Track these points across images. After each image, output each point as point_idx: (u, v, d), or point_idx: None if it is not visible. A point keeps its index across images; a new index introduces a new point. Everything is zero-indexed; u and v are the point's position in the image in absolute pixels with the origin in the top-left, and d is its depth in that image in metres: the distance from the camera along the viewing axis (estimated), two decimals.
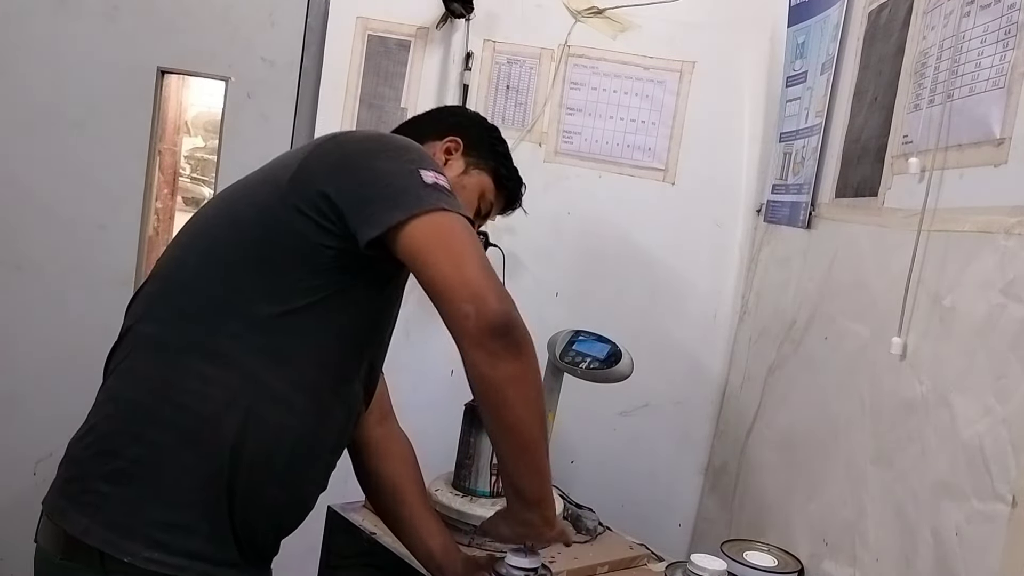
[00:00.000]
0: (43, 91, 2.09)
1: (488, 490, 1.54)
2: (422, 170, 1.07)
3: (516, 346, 1.02)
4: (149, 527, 1.04)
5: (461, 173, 1.33)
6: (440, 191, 1.06)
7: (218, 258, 1.11)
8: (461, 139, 1.33)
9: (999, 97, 1.02)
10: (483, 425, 1.30)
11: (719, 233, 2.08)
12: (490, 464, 1.54)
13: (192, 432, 1.05)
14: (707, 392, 2.10)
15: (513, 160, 1.42)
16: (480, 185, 1.35)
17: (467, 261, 1.02)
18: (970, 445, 0.99)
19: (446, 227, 1.05)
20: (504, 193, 1.40)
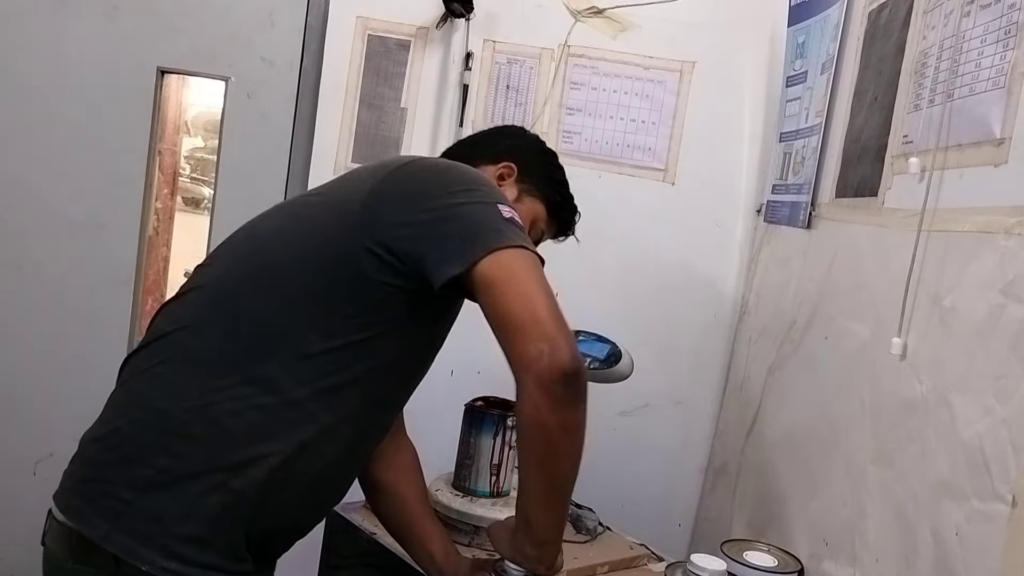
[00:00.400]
0: (43, 91, 2.09)
1: (488, 490, 1.54)
2: (500, 204, 1.06)
3: (580, 395, 1.03)
4: (168, 538, 1.03)
5: (514, 200, 1.30)
6: (516, 226, 1.05)
7: (275, 283, 1.09)
8: (516, 164, 1.31)
9: (999, 97, 1.01)
10: (516, 462, 1.32)
11: (719, 233, 2.08)
12: (490, 464, 1.54)
13: (225, 452, 1.04)
14: (707, 392, 2.10)
15: (569, 186, 1.41)
16: (533, 213, 1.33)
17: (540, 301, 1.00)
18: (970, 445, 0.99)
19: (520, 263, 1.03)
20: (557, 221, 1.39)
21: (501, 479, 1.55)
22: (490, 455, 1.54)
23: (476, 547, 1.47)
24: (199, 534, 1.04)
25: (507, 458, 1.56)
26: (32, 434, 2.13)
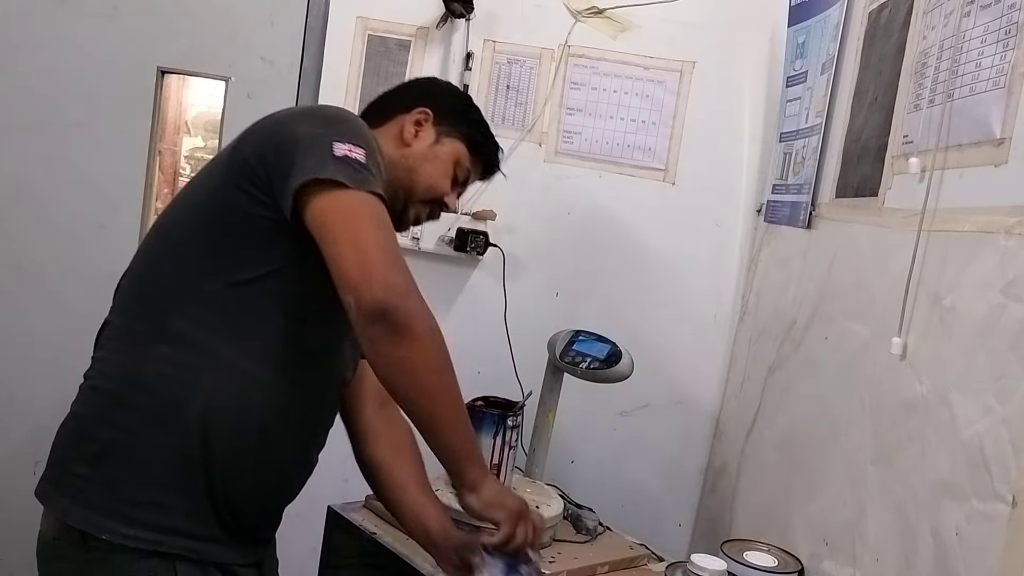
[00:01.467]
0: (43, 91, 2.09)
1: None
2: (336, 142, 1.07)
3: (395, 332, 1.02)
4: (125, 505, 1.07)
5: (433, 143, 1.32)
6: (348, 165, 1.06)
7: (171, 243, 1.15)
8: (431, 109, 1.32)
9: (999, 97, 1.01)
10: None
11: (719, 233, 2.08)
12: (490, 464, 1.54)
13: (160, 414, 1.09)
14: (707, 392, 2.10)
15: (489, 127, 1.41)
16: (454, 153, 1.33)
17: (358, 247, 1.03)
18: (970, 445, 0.99)
19: (344, 207, 1.05)
20: (480, 159, 1.39)
21: (501, 479, 1.55)
22: (490, 455, 1.54)
23: None
24: (157, 499, 1.08)
25: (507, 458, 1.56)
26: (32, 434, 2.13)
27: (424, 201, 1.32)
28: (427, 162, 1.31)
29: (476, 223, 2.08)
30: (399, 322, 1.02)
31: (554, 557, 1.50)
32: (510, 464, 1.57)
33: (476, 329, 2.13)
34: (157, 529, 1.07)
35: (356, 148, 1.08)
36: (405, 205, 1.31)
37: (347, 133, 1.10)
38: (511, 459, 1.57)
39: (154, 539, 1.07)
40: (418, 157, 1.30)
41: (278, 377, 1.12)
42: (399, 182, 1.28)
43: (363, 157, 1.08)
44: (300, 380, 1.15)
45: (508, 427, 1.55)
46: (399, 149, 1.30)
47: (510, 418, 1.55)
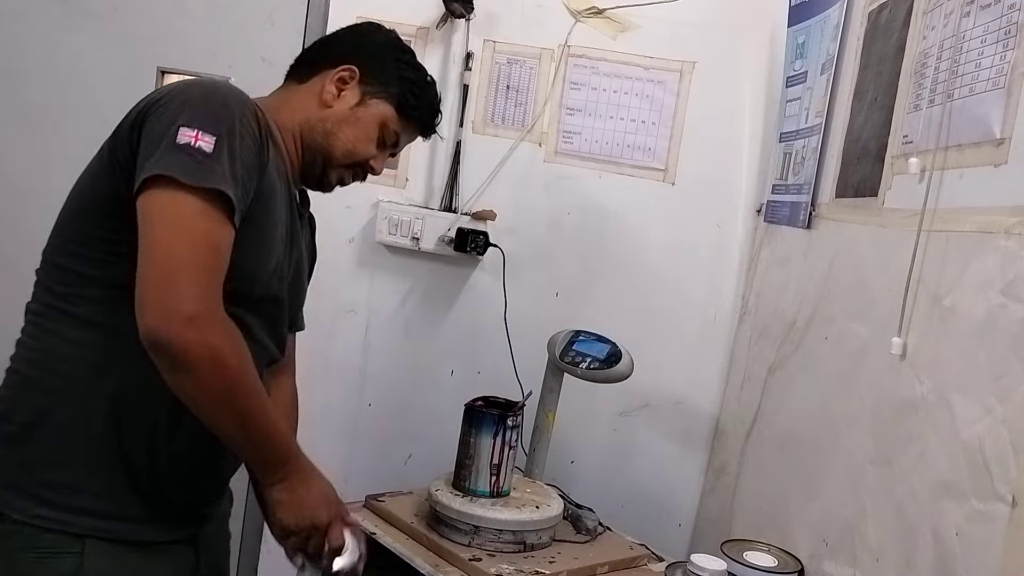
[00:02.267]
0: (43, 91, 2.09)
1: (488, 490, 1.54)
2: (183, 127, 1.02)
3: (169, 363, 1.01)
4: (39, 486, 1.09)
5: (356, 104, 1.26)
6: (189, 156, 1.01)
7: (68, 227, 1.15)
8: (358, 67, 1.26)
9: (999, 97, 1.01)
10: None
11: (719, 233, 2.08)
12: (490, 464, 1.54)
13: (72, 395, 1.10)
14: (707, 392, 2.10)
15: (430, 84, 1.34)
16: (379, 116, 1.27)
17: (153, 266, 1.00)
18: (970, 445, 0.99)
19: (159, 214, 1.01)
20: (412, 121, 1.32)
21: (501, 479, 1.55)
22: (490, 455, 1.54)
23: (476, 547, 1.47)
24: (71, 480, 1.09)
25: (507, 458, 1.56)
26: None
27: (344, 165, 1.28)
28: (346, 126, 1.25)
29: (476, 223, 2.08)
30: (172, 354, 1.00)
31: (554, 557, 1.50)
32: (510, 464, 1.57)
33: (476, 329, 2.13)
34: (68, 510, 1.08)
35: (205, 135, 1.02)
36: (324, 168, 1.27)
37: (201, 116, 1.04)
38: (511, 459, 1.57)
39: (63, 519, 1.08)
40: (337, 120, 1.25)
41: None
42: (316, 145, 1.25)
43: (211, 145, 1.02)
44: None
45: (508, 427, 1.55)
46: (319, 110, 1.25)
47: (510, 418, 1.55)
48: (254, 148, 1.08)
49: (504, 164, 2.12)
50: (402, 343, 2.18)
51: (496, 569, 1.41)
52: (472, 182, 2.12)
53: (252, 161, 1.08)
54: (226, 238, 1.04)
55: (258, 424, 1.10)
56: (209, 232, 1.02)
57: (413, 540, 1.52)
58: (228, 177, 1.03)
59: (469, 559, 1.44)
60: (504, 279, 2.08)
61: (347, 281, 2.18)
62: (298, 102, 1.27)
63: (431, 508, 1.54)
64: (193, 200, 1.01)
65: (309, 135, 1.25)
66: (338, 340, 2.19)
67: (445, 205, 2.13)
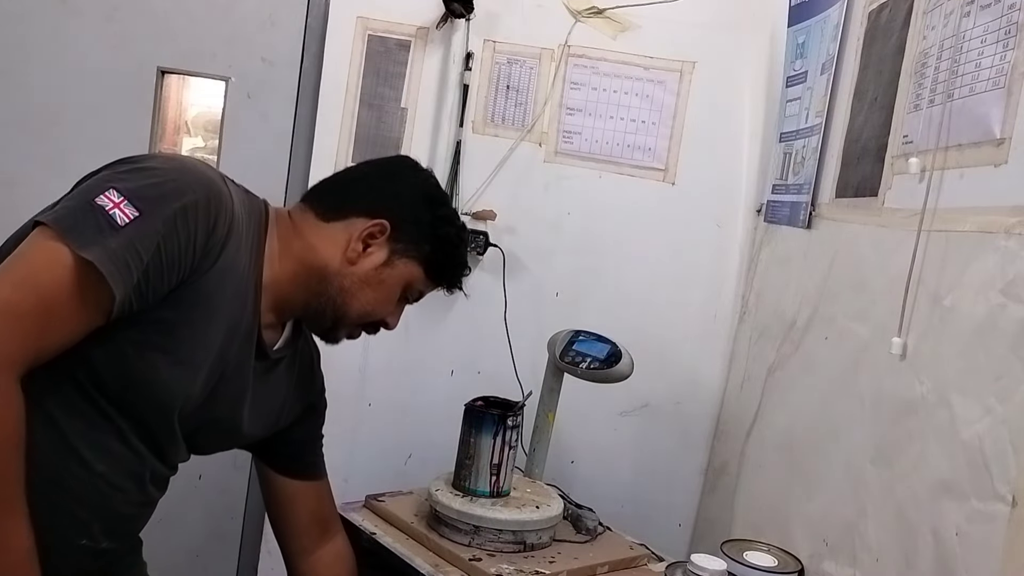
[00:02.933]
0: (43, 91, 2.09)
1: (488, 490, 1.54)
2: (112, 190, 0.93)
3: None
4: None
5: (382, 264, 1.14)
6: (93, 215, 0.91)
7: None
8: (390, 220, 1.14)
9: (999, 97, 1.01)
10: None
11: (719, 233, 2.08)
12: (490, 464, 1.54)
13: None
14: (707, 392, 2.10)
15: (463, 240, 1.23)
16: (405, 277, 1.17)
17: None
18: (970, 445, 0.99)
19: (19, 252, 0.92)
20: (438, 281, 1.22)
21: (501, 479, 1.55)
22: (490, 455, 1.54)
23: (476, 547, 1.47)
24: None
25: (507, 458, 1.56)
26: None
27: (358, 325, 1.19)
28: (368, 288, 1.14)
29: (476, 223, 2.08)
30: None
31: (554, 557, 1.50)
32: (510, 464, 1.57)
33: (476, 329, 2.13)
34: None
35: (126, 207, 0.91)
36: (334, 325, 1.17)
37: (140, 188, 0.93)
38: (511, 459, 1.57)
39: None
40: (358, 280, 1.14)
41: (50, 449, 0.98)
42: (329, 301, 1.13)
43: (126, 218, 0.91)
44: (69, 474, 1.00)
45: (508, 427, 1.55)
46: (340, 263, 1.13)
47: (510, 418, 1.55)
48: (189, 246, 0.96)
49: (504, 164, 2.12)
50: (402, 343, 2.18)
51: (496, 569, 1.41)
52: (472, 182, 2.12)
53: (174, 260, 0.95)
54: (73, 313, 0.91)
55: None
56: (53, 294, 0.89)
57: (413, 540, 1.52)
58: (119, 258, 0.91)
59: (469, 559, 1.44)
60: (504, 279, 2.08)
61: None
62: (317, 243, 1.14)
63: (431, 508, 1.54)
64: (61, 257, 0.90)
65: (321, 285, 1.13)
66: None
67: None
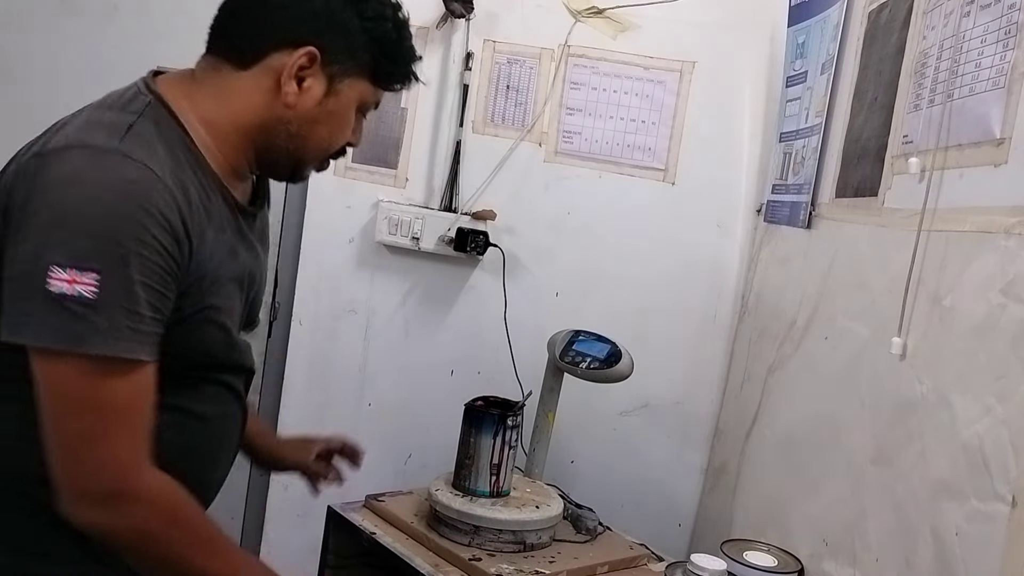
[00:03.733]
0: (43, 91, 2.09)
1: (488, 490, 1.54)
2: (54, 267, 0.85)
3: (112, 537, 0.92)
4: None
5: (324, 96, 1.03)
6: (65, 310, 0.85)
7: None
8: (317, 44, 1.00)
9: (999, 97, 1.01)
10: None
11: (719, 233, 2.09)
12: (490, 464, 1.54)
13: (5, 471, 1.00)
14: (707, 392, 2.10)
15: (403, 31, 1.10)
16: (354, 98, 1.06)
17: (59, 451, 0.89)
18: (970, 445, 0.99)
19: (51, 391, 0.89)
20: (390, 83, 1.11)
21: (501, 479, 1.56)
22: (490, 455, 1.54)
23: (476, 547, 1.47)
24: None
25: (507, 458, 1.56)
26: None
27: (320, 159, 1.11)
28: (318, 124, 1.05)
29: (476, 223, 2.08)
30: (112, 531, 0.92)
31: (554, 557, 1.50)
32: (510, 464, 1.57)
33: (476, 329, 2.13)
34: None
35: (82, 275, 0.86)
36: (296, 169, 1.10)
37: (75, 247, 0.86)
38: (511, 459, 1.57)
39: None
40: (305, 120, 1.04)
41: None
42: (280, 149, 1.05)
43: (91, 288, 0.86)
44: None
45: (508, 427, 1.55)
46: (277, 110, 1.02)
47: (510, 418, 1.55)
48: (160, 256, 0.91)
49: (504, 164, 2.12)
50: (402, 343, 2.18)
51: (496, 569, 1.41)
52: (472, 182, 2.12)
53: (160, 271, 0.92)
54: (130, 388, 0.91)
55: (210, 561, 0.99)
56: (109, 401, 0.89)
57: (413, 540, 1.52)
58: (121, 325, 0.88)
59: (469, 559, 1.44)
60: (504, 279, 2.08)
61: (347, 281, 2.18)
62: (243, 100, 1.03)
63: (431, 508, 1.54)
64: (78, 364, 0.87)
65: (266, 140, 1.05)
66: (338, 340, 2.19)
67: (445, 205, 2.13)
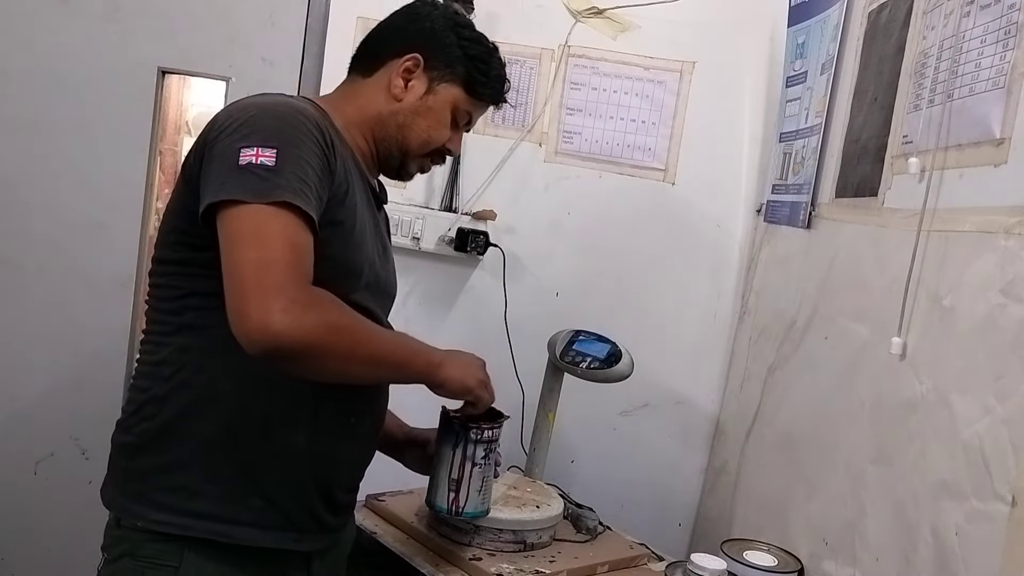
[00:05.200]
0: (43, 91, 2.09)
1: (445, 506, 1.34)
2: (243, 148, 1.05)
3: (292, 362, 1.03)
4: (157, 491, 1.12)
5: (425, 93, 1.26)
6: (252, 173, 1.03)
7: (157, 246, 1.20)
8: (421, 52, 1.25)
9: (999, 97, 1.02)
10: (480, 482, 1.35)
11: (719, 233, 2.09)
12: (448, 478, 1.33)
13: (181, 402, 1.13)
14: (707, 392, 2.10)
15: (495, 55, 1.33)
16: (450, 101, 1.28)
17: (234, 281, 1.01)
18: (970, 445, 0.99)
19: (232, 234, 1.03)
20: (482, 98, 1.32)
21: (462, 498, 1.33)
22: (448, 468, 1.33)
23: (476, 546, 1.47)
24: (186, 483, 1.12)
25: (469, 476, 1.33)
26: (32, 434, 2.13)
27: (422, 155, 1.30)
28: (419, 116, 1.26)
29: (476, 223, 2.08)
30: (291, 355, 1.01)
31: (554, 557, 1.50)
32: (474, 483, 1.33)
33: (476, 329, 2.13)
34: (187, 514, 1.11)
35: (265, 150, 1.04)
36: (402, 161, 1.29)
37: (259, 133, 1.06)
38: (478, 479, 1.33)
39: (183, 523, 1.11)
40: (409, 112, 1.26)
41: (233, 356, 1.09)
42: (391, 140, 1.26)
43: (272, 159, 1.04)
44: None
45: (470, 440, 1.31)
46: (389, 104, 1.26)
47: (473, 430, 1.31)
48: (319, 153, 1.09)
49: (504, 164, 2.12)
50: None
51: (496, 568, 1.41)
52: (472, 182, 2.12)
53: (320, 165, 1.09)
54: (302, 236, 1.04)
55: (387, 357, 1.14)
56: (282, 234, 1.02)
57: (413, 540, 1.52)
58: (294, 185, 1.04)
59: (469, 558, 1.44)
60: (504, 279, 2.08)
61: None
62: (366, 98, 1.27)
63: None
64: (261, 211, 1.02)
65: (382, 130, 1.25)
66: None
67: (445, 205, 2.13)
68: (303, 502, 1.19)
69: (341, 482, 1.25)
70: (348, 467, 1.27)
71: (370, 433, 1.30)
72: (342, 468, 1.25)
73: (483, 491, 1.35)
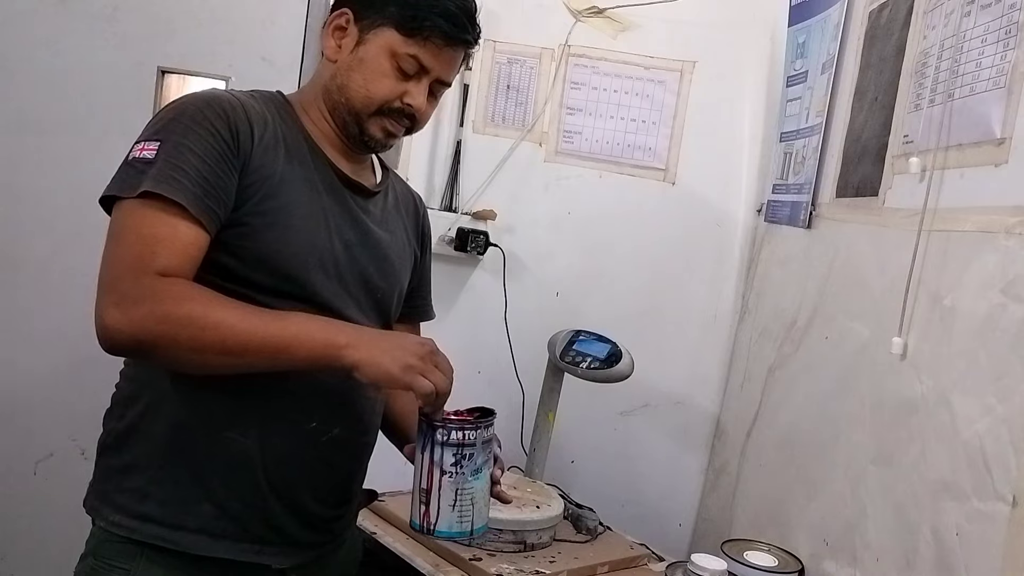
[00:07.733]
0: (43, 91, 2.09)
1: (417, 521, 1.09)
2: (136, 145, 1.05)
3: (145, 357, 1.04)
4: (116, 492, 1.11)
5: (356, 45, 1.15)
6: (131, 168, 1.03)
7: None
8: (351, 7, 1.15)
9: (999, 97, 1.02)
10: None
11: (719, 233, 2.08)
12: (418, 487, 1.08)
13: (144, 404, 1.11)
14: (707, 392, 2.10)
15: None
16: (384, 46, 1.13)
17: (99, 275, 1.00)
18: (970, 445, 0.99)
19: (110, 227, 1.03)
20: (424, 34, 1.13)
21: (432, 512, 1.07)
22: (418, 475, 1.08)
23: (476, 547, 1.47)
24: (139, 485, 1.10)
25: (440, 485, 1.06)
26: (32, 434, 2.13)
27: (374, 113, 1.16)
28: (353, 71, 1.15)
29: (476, 223, 2.08)
30: (131, 350, 1.02)
31: (554, 557, 1.50)
32: (444, 497, 1.06)
33: (476, 329, 2.13)
34: (135, 516, 1.09)
35: (149, 143, 1.03)
36: (358, 125, 1.17)
37: (152, 127, 1.06)
38: (449, 490, 1.06)
39: (129, 526, 1.09)
40: (344, 69, 1.15)
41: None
42: (338, 105, 1.16)
43: (153, 152, 1.03)
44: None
45: (438, 442, 1.06)
46: (328, 69, 1.17)
47: (438, 431, 1.06)
48: (217, 140, 1.04)
49: (504, 164, 2.12)
50: None
51: (496, 569, 1.41)
52: (472, 182, 2.12)
53: (215, 152, 1.04)
54: (159, 227, 1.01)
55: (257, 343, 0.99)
56: (133, 227, 1.01)
57: (413, 540, 1.52)
58: (166, 173, 1.01)
59: (469, 559, 1.44)
60: (504, 279, 2.08)
61: None
62: (317, 73, 1.22)
63: None
64: (125, 206, 1.02)
65: (330, 99, 1.17)
66: None
67: (445, 205, 2.13)
68: (261, 513, 1.11)
69: (316, 494, 1.15)
70: (321, 477, 1.16)
71: (347, 440, 1.18)
72: (312, 478, 1.15)
73: (458, 506, 1.07)
